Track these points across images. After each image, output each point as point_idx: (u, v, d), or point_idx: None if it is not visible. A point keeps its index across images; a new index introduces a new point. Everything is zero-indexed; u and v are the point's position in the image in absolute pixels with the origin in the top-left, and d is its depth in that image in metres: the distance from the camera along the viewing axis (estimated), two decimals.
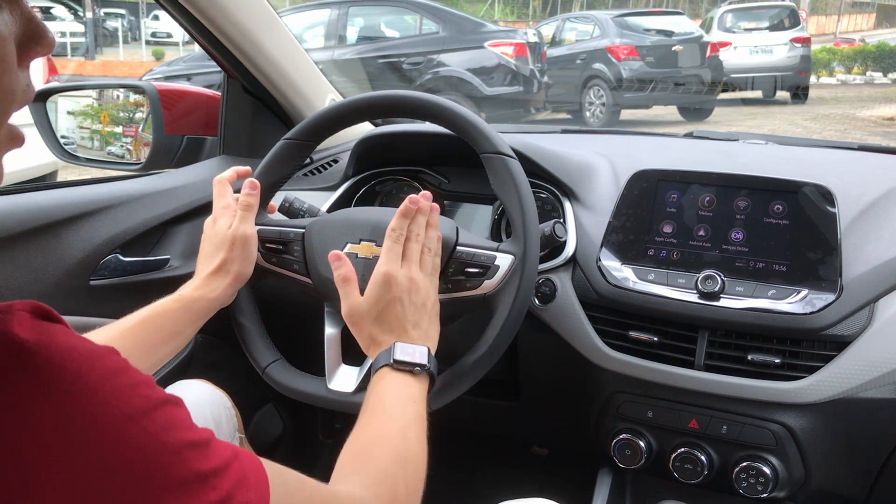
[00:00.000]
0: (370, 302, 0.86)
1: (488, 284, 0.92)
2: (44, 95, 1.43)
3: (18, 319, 0.43)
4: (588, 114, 9.03)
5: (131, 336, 0.86)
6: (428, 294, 0.88)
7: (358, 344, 0.88)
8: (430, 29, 7.34)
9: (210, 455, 0.48)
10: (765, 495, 1.00)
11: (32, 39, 0.45)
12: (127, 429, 0.44)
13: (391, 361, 0.81)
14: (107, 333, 0.85)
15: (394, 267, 0.86)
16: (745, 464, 1.01)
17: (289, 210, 1.11)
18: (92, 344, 0.46)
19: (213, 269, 0.94)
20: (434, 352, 0.86)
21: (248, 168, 1.05)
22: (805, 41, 10.59)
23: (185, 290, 0.93)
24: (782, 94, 10.92)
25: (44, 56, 0.47)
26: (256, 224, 0.99)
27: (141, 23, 20.88)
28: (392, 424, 0.75)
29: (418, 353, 0.83)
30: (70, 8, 18.30)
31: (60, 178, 4.53)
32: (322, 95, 1.49)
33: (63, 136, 1.47)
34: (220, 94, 1.47)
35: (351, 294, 0.87)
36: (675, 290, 1.01)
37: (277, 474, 0.55)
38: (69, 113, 1.50)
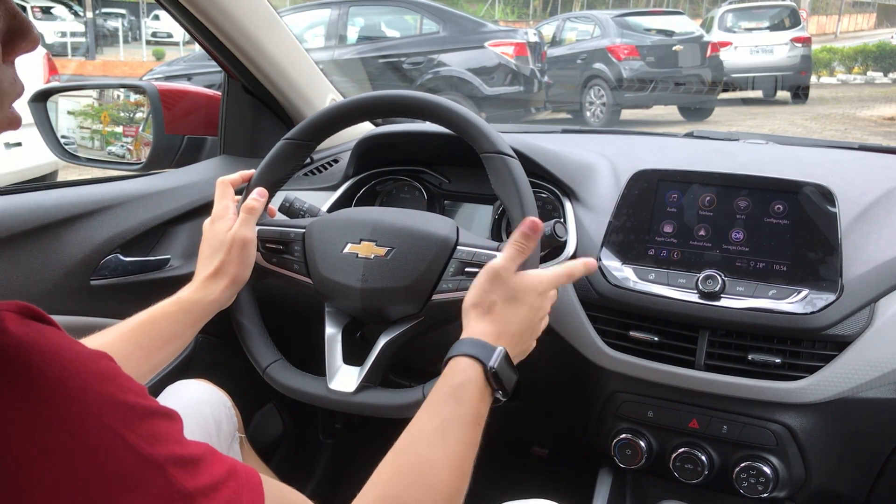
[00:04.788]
0: (532, 284, 0.79)
1: None
2: (44, 95, 1.43)
3: (3, 320, 0.42)
4: (588, 114, 9.03)
5: (130, 340, 0.86)
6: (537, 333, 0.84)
7: (357, 344, 0.87)
8: (431, 29, 7.33)
9: (200, 473, 0.46)
10: (765, 495, 1.00)
11: (18, 35, 0.45)
12: (108, 439, 0.42)
13: (493, 366, 0.74)
14: (105, 337, 0.85)
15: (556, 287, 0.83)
16: (745, 464, 1.01)
17: (289, 210, 1.11)
18: (80, 347, 0.44)
19: (211, 272, 0.94)
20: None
21: (252, 172, 1.05)
22: (805, 41, 10.59)
23: (184, 292, 0.93)
24: (783, 94, 10.91)
25: (30, 52, 0.46)
26: (256, 224, 0.99)
27: (141, 22, 20.89)
28: (445, 449, 0.69)
29: (513, 380, 0.76)
30: (70, 8, 18.30)
31: (60, 178, 4.53)
32: (322, 95, 1.49)
33: (63, 136, 1.47)
34: (220, 94, 1.47)
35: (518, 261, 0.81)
36: (676, 290, 1.01)
37: (279, 495, 0.53)
38: (69, 113, 1.50)
